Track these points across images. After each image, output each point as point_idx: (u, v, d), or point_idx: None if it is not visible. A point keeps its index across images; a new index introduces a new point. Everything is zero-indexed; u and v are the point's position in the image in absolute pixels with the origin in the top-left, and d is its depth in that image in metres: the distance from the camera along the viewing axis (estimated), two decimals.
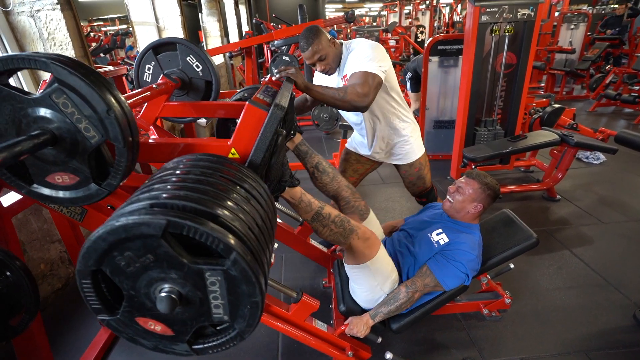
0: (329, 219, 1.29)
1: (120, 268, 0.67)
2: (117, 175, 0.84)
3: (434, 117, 3.63)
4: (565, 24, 6.51)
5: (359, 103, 1.45)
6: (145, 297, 0.70)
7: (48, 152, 0.78)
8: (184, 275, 0.67)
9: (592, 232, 2.44)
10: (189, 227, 0.63)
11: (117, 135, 0.77)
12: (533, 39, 2.74)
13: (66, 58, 0.76)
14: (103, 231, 0.64)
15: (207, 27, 6.71)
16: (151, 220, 0.62)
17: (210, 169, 0.84)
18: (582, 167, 3.50)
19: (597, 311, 1.81)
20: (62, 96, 0.73)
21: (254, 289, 0.68)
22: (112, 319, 0.73)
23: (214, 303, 0.70)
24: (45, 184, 0.84)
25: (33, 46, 2.12)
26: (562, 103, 5.37)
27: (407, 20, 12.09)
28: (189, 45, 1.65)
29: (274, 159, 1.05)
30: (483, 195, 1.50)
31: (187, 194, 0.71)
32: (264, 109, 0.98)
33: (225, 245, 0.64)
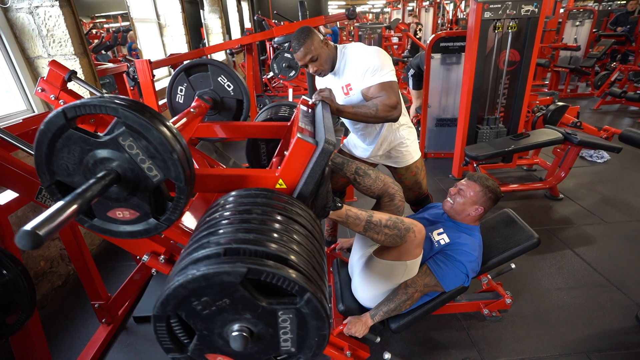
0: (381, 225, 1.27)
1: (196, 312, 0.69)
2: (176, 210, 0.85)
3: (436, 114, 3.61)
4: (571, 20, 6.43)
5: (392, 116, 1.54)
6: (218, 336, 0.73)
7: (112, 189, 0.80)
8: (258, 315, 0.70)
9: (595, 232, 2.42)
10: (267, 273, 0.66)
11: (179, 175, 0.79)
12: (537, 36, 2.70)
13: (131, 102, 0.76)
14: (184, 280, 0.66)
15: (209, 24, 6.69)
16: (232, 269, 0.65)
17: (269, 206, 0.87)
18: (586, 165, 3.46)
19: (599, 312, 1.79)
20: (129, 139, 0.75)
21: (324, 323, 0.71)
22: (182, 357, 0.75)
23: (283, 337, 0.73)
24: (107, 218, 0.86)
25: (32, 43, 2.11)
26: (566, 101, 5.32)
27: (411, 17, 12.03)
28: (221, 66, 1.70)
29: (321, 189, 1.07)
30: (484, 198, 1.49)
31: (257, 238, 0.73)
32: (312, 143, 0.99)
33: (299, 287, 0.67)
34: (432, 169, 3.56)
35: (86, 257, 1.63)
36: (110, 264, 2.31)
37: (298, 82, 5.16)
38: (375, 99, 1.54)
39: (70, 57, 2.17)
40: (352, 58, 1.62)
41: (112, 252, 2.43)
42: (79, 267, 1.63)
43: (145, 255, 1.18)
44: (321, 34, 1.65)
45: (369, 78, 1.56)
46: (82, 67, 2.22)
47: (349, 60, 1.63)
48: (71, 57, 2.17)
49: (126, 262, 2.32)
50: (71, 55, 2.16)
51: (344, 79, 1.66)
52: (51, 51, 2.15)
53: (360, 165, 1.55)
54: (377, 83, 1.55)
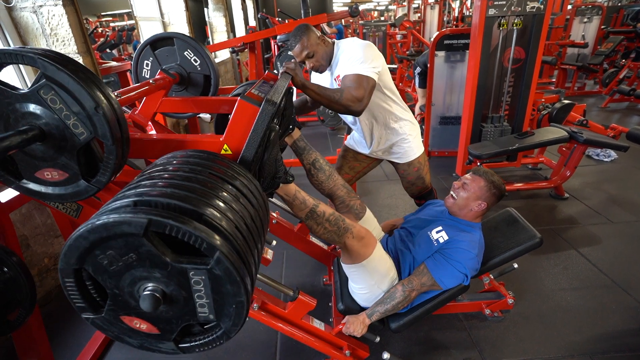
0: (323, 217, 1.28)
1: (102, 266, 0.66)
2: (106, 172, 0.83)
3: (440, 113, 3.58)
4: (578, 17, 6.33)
5: (354, 107, 1.47)
6: (129, 296, 0.70)
7: (37, 147, 0.78)
8: (168, 274, 0.66)
9: (601, 232, 2.38)
10: (171, 226, 0.62)
11: (106, 133, 0.77)
12: (542, 33, 2.66)
13: (55, 54, 0.75)
14: (84, 229, 0.63)
15: (214, 22, 6.70)
16: (132, 219, 0.62)
17: (200, 165, 0.83)
18: (592, 164, 3.41)
19: (603, 313, 1.76)
20: (51, 92, 0.73)
21: (239, 288, 0.67)
22: (96, 318, 0.73)
23: (198, 302, 0.70)
24: (35, 179, 0.84)
25: (36, 42, 2.13)
26: (574, 99, 5.25)
27: (417, 14, 11.92)
28: (187, 40, 1.65)
29: (266, 155, 1.03)
30: (488, 194, 1.47)
31: (174, 192, 0.70)
32: (256, 105, 0.97)
33: (208, 245, 0.63)
34: (435, 168, 3.53)
35: None
36: None
37: None
38: (344, 87, 1.49)
39: (73, 56, 2.18)
40: (343, 51, 1.61)
41: None
42: None
43: None
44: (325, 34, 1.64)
45: (349, 66, 1.52)
46: (86, 66, 2.23)
47: (341, 54, 1.62)
48: (74, 56, 2.18)
49: None
50: (74, 54, 2.17)
51: (336, 72, 1.65)
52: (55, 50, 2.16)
53: (319, 158, 1.55)
54: (352, 73, 1.50)
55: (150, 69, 1.73)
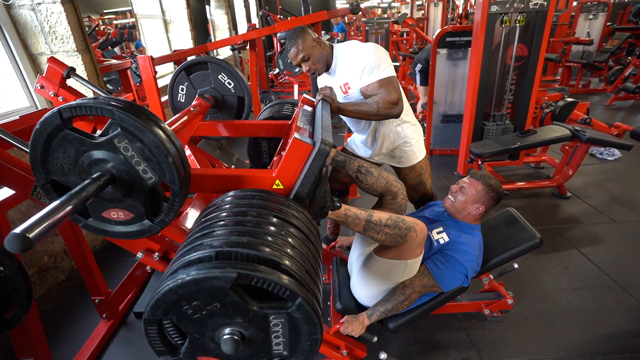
0: (381, 225, 1.25)
1: (187, 315, 0.69)
2: (170, 213, 0.85)
3: (442, 111, 3.55)
4: (584, 13, 6.26)
5: (394, 112, 1.54)
6: (209, 340, 0.73)
7: (106, 190, 0.80)
8: (249, 319, 0.70)
9: (603, 231, 2.36)
10: (258, 278, 0.65)
11: (174, 179, 0.79)
12: (545, 30, 2.63)
13: (127, 104, 0.76)
14: (174, 284, 0.66)
15: (215, 19, 6.69)
16: (222, 274, 0.65)
17: (264, 208, 0.86)
18: (596, 163, 3.38)
19: (604, 314, 1.74)
20: (124, 141, 0.75)
21: (316, 328, 0.71)
22: (173, 359, 0.75)
23: (275, 341, 0.73)
24: (101, 218, 0.86)
25: (35, 40, 2.13)
26: (578, 97, 5.20)
27: (420, 12, 11.83)
28: (220, 63, 1.70)
29: (318, 190, 1.06)
30: (486, 197, 1.45)
31: (251, 241, 0.72)
32: (310, 143, 0.98)
33: (290, 292, 0.67)
34: (437, 166, 3.51)
35: (86, 253, 1.64)
36: (115, 259, 2.33)
37: (304, 78, 5.13)
38: (376, 96, 1.52)
39: (72, 54, 2.18)
40: (346, 56, 1.60)
41: (116, 247, 2.43)
42: (79, 263, 1.65)
43: (139, 252, 1.18)
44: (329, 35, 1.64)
45: (367, 76, 1.54)
46: (85, 64, 2.23)
47: (343, 59, 1.61)
48: (73, 53, 2.18)
49: (131, 257, 2.33)
50: (73, 52, 2.18)
51: (341, 78, 1.64)
52: (53, 48, 2.16)
53: (362, 163, 1.54)
54: (375, 80, 1.53)
55: (185, 94, 1.78)
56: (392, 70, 1.56)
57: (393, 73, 1.55)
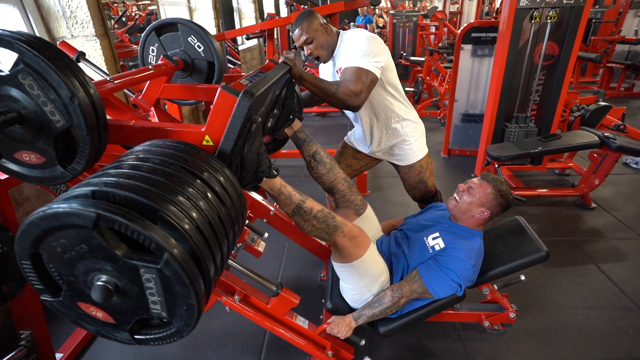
0: (310, 214, 1.23)
1: (57, 254, 0.67)
2: (81, 160, 0.83)
3: (463, 109, 3.41)
4: (633, 10, 5.80)
5: (350, 102, 1.42)
6: (84, 285, 0.70)
7: (15, 130, 0.79)
8: (120, 268, 0.66)
9: (627, 248, 2.19)
10: (119, 222, 0.61)
11: (81, 123, 0.76)
12: (580, 27, 2.44)
13: (33, 38, 0.74)
14: (36, 216, 0.63)
15: (242, 8, 6.70)
16: (81, 211, 0.61)
17: (173, 157, 0.81)
18: (629, 173, 3.14)
19: (618, 337, 1.62)
20: (28, 77, 0.73)
21: (189, 291, 0.65)
22: (55, 301, 0.73)
23: (151, 299, 0.69)
24: (14, 160, 0.86)
25: (57, 24, 2.19)
26: (619, 101, 4.85)
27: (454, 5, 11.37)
28: (190, 26, 1.63)
29: (246, 147, 0.99)
30: (494, 202, 1.37)
31: (134, 184, 0.68)
32: (235, 95, 0.93)
33: (157, 245, 0.61)
34: (454, 167, 3.39)
35: None
36: None
37: None
38: (343, 80, 1.43)
39: (91, 39, 2.24)
40: (347, 43, 1.54)
41: None
42: None
43: None
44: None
45: (351, 59, 1.46)
46: (103, 49, 2.28)
47: (344, 46, 1.55)
48: (92, 38, 2.23)
49: None
50: (92, 37, 2.23)
51: (338, 64, 1.59)
52: (74, 32, 2.22)
53: (319, 150, 1.50)
54: (353, 65, 1.44)
55: (156, 55, 1.74)
56: (376, 67, 1.45)
57: (374, 70, 1.44)
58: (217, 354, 1.61)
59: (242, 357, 1.60)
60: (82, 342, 1.64)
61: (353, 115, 1.74)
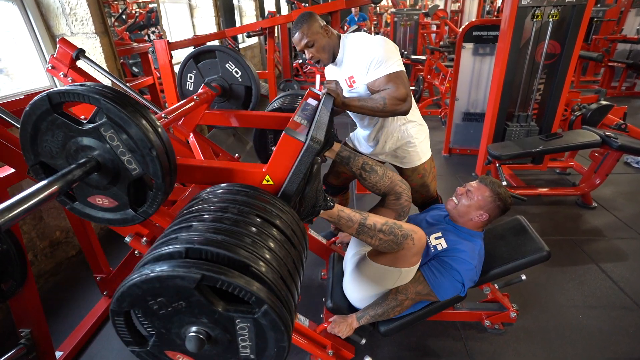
0: (375, 229, 1.20)
1: (152, 311, 0.69)
2: (153, 205, 0.86)
3: (464, 108, 3.40)
4: (635, 9, 5.78)
5: (402, 108, 1.45)
6: (176, 336, 0.73)
7: (92, 177, 0.82)
8: (215, 320, 0.69)
9: (628, 247, 2.18)
10: (222, 281, 0.64)
11: (157, 172, 0.79)
12: (582, 26, 2.43)
13: (115, 93, 0.76)
14: (138, 279, 0.65)
15: (242, 6, 6.68)
16: (186, 274, 0.64)
17: (247, 205, 0.85)
18: (630, 172, 3.14)
19: (618, 337, 1.62)
20: (110, 130, 0.76)
21: (283, 336, 0.69)
22: (142, 351, 0.76)
23: (242, 344, 0.72)
24: (87, 203, 0.88)
25: (56, 21, 2.18)
26: (620, 100, 4.84)
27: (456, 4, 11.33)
28: (228, 52, 1.69)
29: (308, 188, 1.04)
30: (492, 205, 1.37)
31: (223, 240, 0.71)
32: (300, 140, 0.96)
33: (257, 299, 0.65)
34: (455, 166, 3.38)
35: (89, 232, 1.69)
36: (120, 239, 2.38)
37: None
38: (383, 92, 1.45)
39: (91, 36, 2.23)
40: (353, 49, 1.54)
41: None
42: (82, 241, 1.70)
43: (128, 236, 1.19)
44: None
45: (374, 71, 1.47)
46: (103, 46, 2.27)
47: (350, 51, 1.55)
48: (92, 35, 2.22)
49: None
50: (92, 34, 2.22)
51: (346, 71, 1.58)
52: (74, 29, 2.21)
53: (367, 160, 1.49)
54: (383, 75, 1.46)
55: (193, 82, 1.78)
56: (401, 64, 1.48)
57: (402, 68, 1.48)
58: None
59: None
60: (82, 340, 1.64)
61: (357, 116, 1.73)
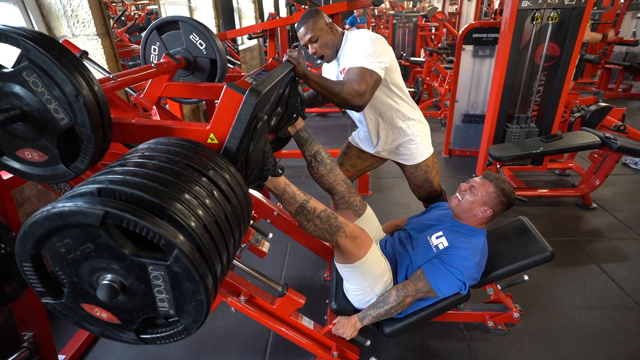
0: (313, 214, 1.22)
1: (60, 254, 0.65)
2: (84, 159, 0.82)
3: (464, 110, 3.41)
4: (631, 12, 5.82)
5: (354, 102, 1.41)
6: (88, 285, 0.68)
7: (18, 127, 0.78)
8: (127, 266, 0.65)
9: (629, 248, 2.20)
10: (128, 219, 0.60)
11: (85, 121, 0.75)
12: (581, 29, 2.45)
13: (39, 35, 0.73)
14: (39, 216, 0.62)
15: (242, 8, 6.69)
16: (88, 209, 0.60)
17: (179, 155, 0.80)
18: (629, 174, 3.16)
19: (620, 337, 1.62)
20: (33, 75, 0.72)
21: (198, 287, 0.65)
22: (56, 303, 0.72)
23: (158, 297, 0.68)
24: (16, 157, 0.85)
25: (58, 22, 2.18)
26: (617, 102, 4.87)
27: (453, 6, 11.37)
28: (192, 23, 1.63)
29: (252, 145, 0.99)
30: (496, 201, 1.38)
31: (142, 182, 0.67)
32: (241, 93, 0.92)
33: (166, 242, 0.61)
34: (455, 167, 3.39)
35: None
36: None
37: None
38: (347, 80, 1.43)
39: (92, 38, 2.22)
40: (351, 44, 1.54)
41: None
42: None
43: None
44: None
45: (355, 59, 1.46)
46: (104, 48, 2.26)
47: (348, 46, 1.55)
48: (93, 37, 2.22)
49: None
50: (93, 36, 2.21)
51: (342, 64, 1.59)
52: (75, 31, 2.21)
53: (321, 150, 1.49)
54: (357, 65, 1.44)
55: (157, 54, 1.73)
56: (380, 68, 1.45)
57: (378, 70, 1.44)
58: (221, 354, 1.61)
59: (246, 357, 1.60)
60: (85, 343, 1.63)
61: (358, 115, 1.73)
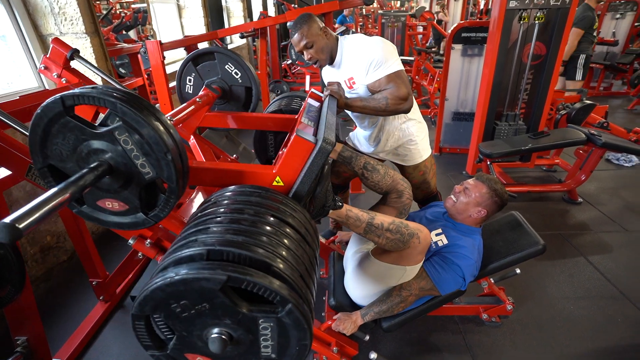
0: (382, 229, 1.21)
1: (175, 313, 0.69)
2: (165, 209, 0.84)
3: (454, 108, 3.47)
4: (610, 12, 6.00)
5: (404, 107, 1.50)
6: (197, 338, 0.72)
7: (103, 180, 0.80)
8: (238, 321, 0.69)
9: (613, 240, 2.28)
10: (247, 282, 0.64)
11: (171, 176, 0.78)
12: (566, 29, 2.52)
13: (131, 97, 0.75)
14: (162, 283, 0.65)
15: (230, 6, 6.64)
16: (211, 276, 0.63)
17: (262, 206, 0.85)
18: (612, 169, 3.26)
19: (608, 326, 1.68)
20: (124, 134, 0.74)
21: (305, 334, 0.70)
22: (161, 355, 0.75)
23: (263, 344, 0.72)
24: (96, 207, 0.86)
25: (45, 20, 2.13)
26: (599, 100, 5.02)
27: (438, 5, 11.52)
28: (227, 53, 1.68)
29: (319, 188, 1.04)
30: (489, 202, 1.41)
31: (244, 240, 0.71)
32: (311, 141, 0.96)
33: (281, 298, 0.65)
34: (446, 165, 3.44)
35: (84, 234, 1.65)
36: (115, 242, 2.35)
37: (315, 69, 5.07)
38: (384, 92, 1.48)
39: (81, 36, 2.18)
40: (352, 50, 1.56)
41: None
42: (77, 245, 1.66)
43: (131, 238, 1.17)
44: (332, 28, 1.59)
45: (374, 72, 1.50)
46: (93, 46, 2.22)
47: (348, 52, 1.56)
48: (82, 35, 2.18)
49: None
50: (82, 34, 2.17)
51: (345, 72, 1.60)
52: (63, 29, 2.16)
53: (369, 160, 1.50)
54: (383, 75, 1.49)
55: (193, 85, 1.77)
56: (400, 64, 1.51)
57: (401, 67, 1.51)
58: None
59: None
60: (80, 346, 1.60)
61: (358, 116, 1.75)
